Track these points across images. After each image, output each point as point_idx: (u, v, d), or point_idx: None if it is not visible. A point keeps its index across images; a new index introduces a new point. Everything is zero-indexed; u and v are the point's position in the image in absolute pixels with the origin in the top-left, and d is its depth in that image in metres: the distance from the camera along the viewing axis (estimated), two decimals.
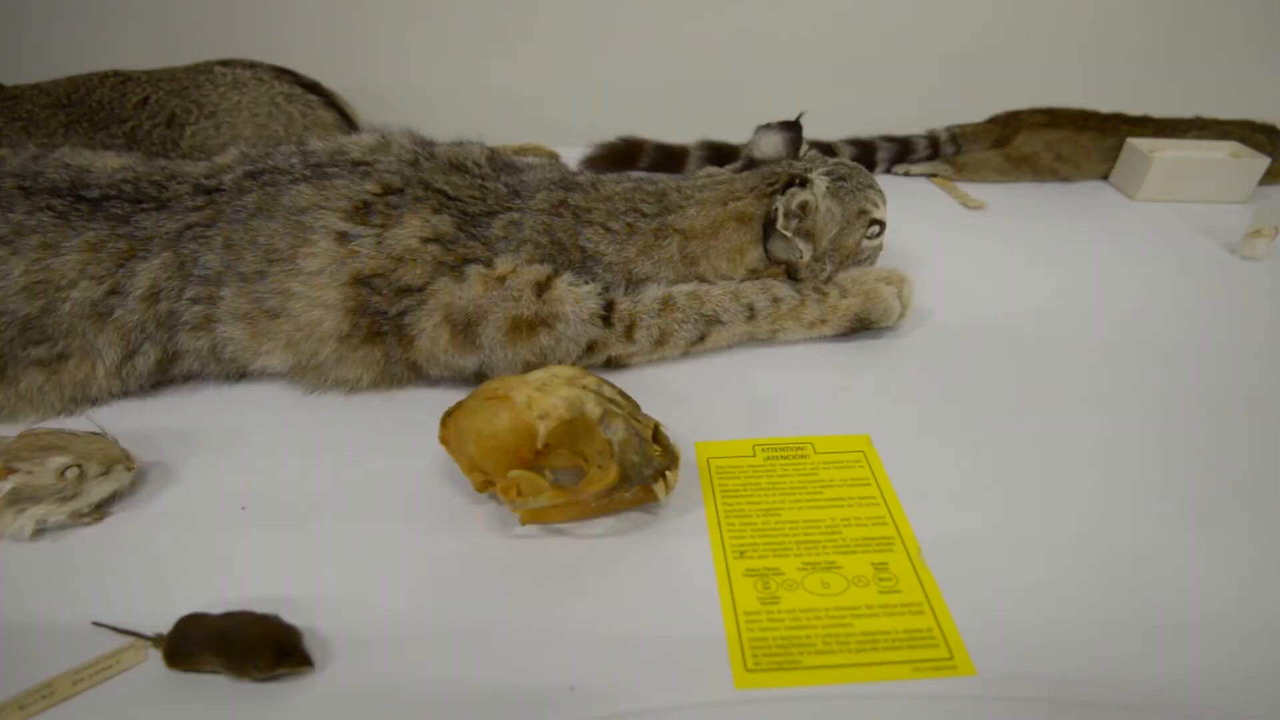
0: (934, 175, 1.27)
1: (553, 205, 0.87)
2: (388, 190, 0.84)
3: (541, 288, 0.80)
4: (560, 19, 1.40)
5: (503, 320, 0.78)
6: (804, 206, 0.84)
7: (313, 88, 1.20)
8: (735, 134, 1.32)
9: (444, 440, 0.70)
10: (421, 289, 0.80)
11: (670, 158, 1.28)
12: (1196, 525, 0.70)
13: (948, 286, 0.99)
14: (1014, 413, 0.83)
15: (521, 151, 1.34)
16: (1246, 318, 0.99)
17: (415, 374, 0.84)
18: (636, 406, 0.68)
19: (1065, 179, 1.26)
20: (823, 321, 0.88)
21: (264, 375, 0.86)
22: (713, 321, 0.85)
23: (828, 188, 0.85)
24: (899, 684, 0.58)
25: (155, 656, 0.59)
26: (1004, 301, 1.00)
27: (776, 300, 0.87)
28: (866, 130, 1.31)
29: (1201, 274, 1.09)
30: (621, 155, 1.29)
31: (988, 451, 0.77)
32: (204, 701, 0.57)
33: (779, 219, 0.84)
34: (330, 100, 1.20)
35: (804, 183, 0.84)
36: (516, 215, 0.86)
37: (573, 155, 1.30)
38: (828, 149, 1.25)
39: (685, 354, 0.87)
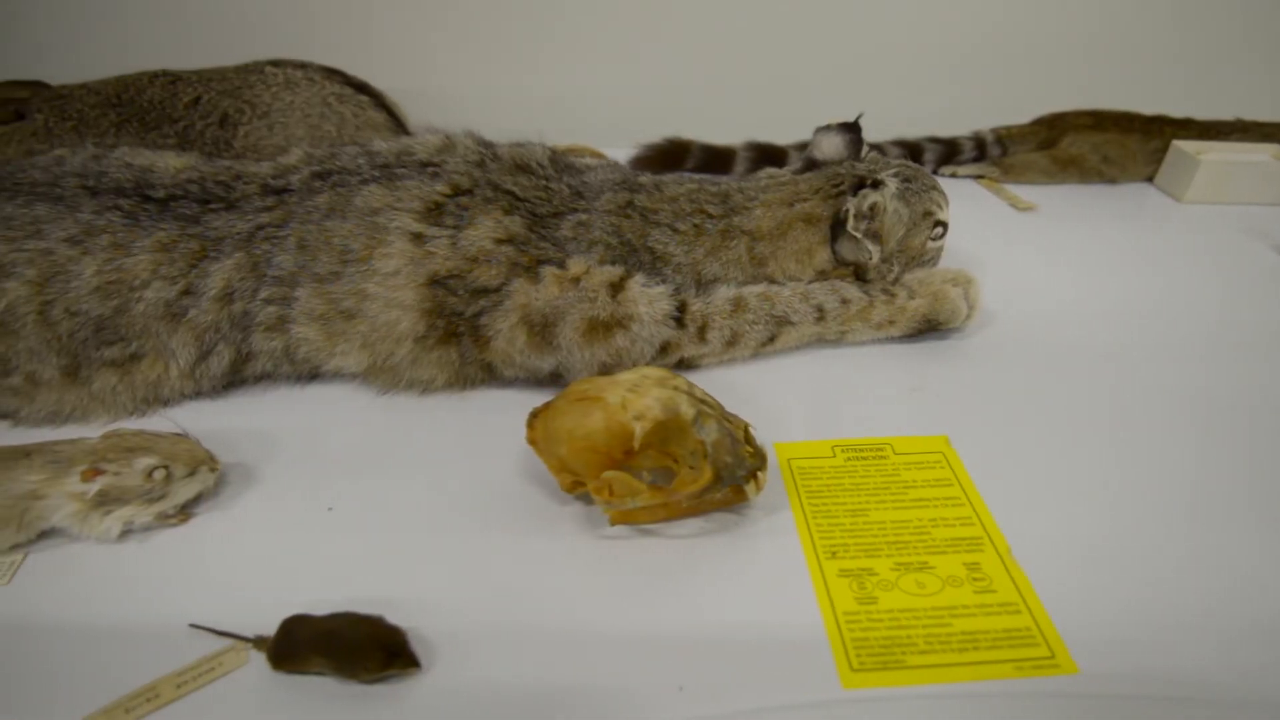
0: (981, 177, 1.27)
1: (619, 206, 0.88)
2: (458, 191, 0.84)
3: (615, 289, 0.80)
4: (603, 20, 1.41)
5: (580, 321, 0.79)
6: (874, 208, 0.84)
7: (362, 88, 1.20)
8: (776, 135, 1.33)
9: (531, 441, 0.70)
10: (497, 290, 0.80)
11: (717, 159, 1.28)
12: (1275, 524, 0.71)
13: (1006, 288, 0.99)
14: (1084, 412, 0.83)
15: (569, 153, 1.35)
16: None
17: (489, 375, 0.84)
18: (723, 408, 0.69)
19: (1110, 181, 1.26)
20: (891, 323, 0.88)
21: (335, 376, 0.86)
22: (783, 323, 0.85)
23: (897, 189, 0.85)
24: (1003, 683, 0.58)
25: (256, 658, 0.60)
26: (1063, 303, 1.01)
27: (845, 301, 0.87)
28: (910, 132, 1.32)
29: (1254, 276, 1.10)
30: (668, 156, 1.29)
31: (1064, 451, 0.78)
32: (310, 704, 0.57)
33: (849, 220, 0.84)
34: (379, 101, 1.20)
35: (876, 184, 0.84)
36: (584, 216, 0.86)
37: (617, 156, 1.30)
38: (875, 150, 1.25)
39: (753, 355, 0.87)
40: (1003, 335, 0.93)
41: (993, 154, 1.28)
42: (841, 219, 0.85)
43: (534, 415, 0.71)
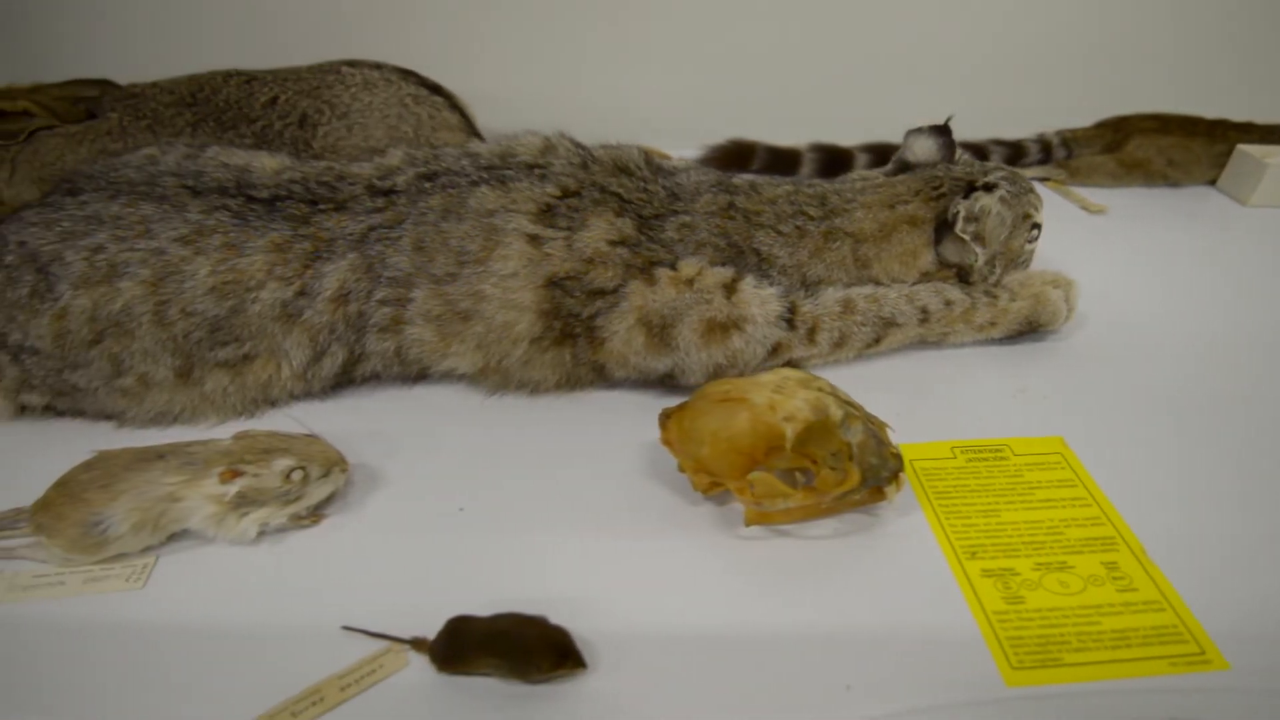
0: (1047, 179, 1.28)
1: (721, 208, 0.88)
2: (566, 193, 0.84)
3: (729, 290, 0.80)
4: (662, 21, 1.41)
5: (698, 322, 0.79)
6: (982, 211, 0.85)
7: (435, 89, 1.19)
8: (829, 135, 1.34)
9: (666, 442, 0.70)
10: (614, 291, 0.80)
11: (781, 160, 1.29)
12: None
13: (1089, 290, 1.00)
14: (1189, 411, 0.84)
15: None
16: None
17: (599, 376, 0.84)
18: (865, 409, 0.69)
19: (1175, 184, 1.28)
20: (993, 324, 0.89)
21: (441, 378, 0.86)
22: (889, 324, 0.86)
23: (1005, 193, 0.86)
24: (1159, 679, 0.59)
25: (415, 660, 0.60)
26: (1146, 305, 1.02)
27: (949, 303, 0.87)
28: (971, 134, 1.32)
29: None
30: (732, 158, 1.29)
31: (1179, 449, 0.79)
32: (477, 705, 0.57)
33: (958, 223, 0.85)
34: (452, 102, 1.20)
35: (989, 187, 0.85)
36: (687, 218, 0.86)
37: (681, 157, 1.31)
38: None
39: (857, 356, 0.88)
40: (1096, 337, 0.94)
41: (1058, 156, 1.29)
42: (949, 221, 0.86)
43: (666, 416, 0.71)
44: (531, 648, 0.55)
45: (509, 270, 0.79)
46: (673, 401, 0.82)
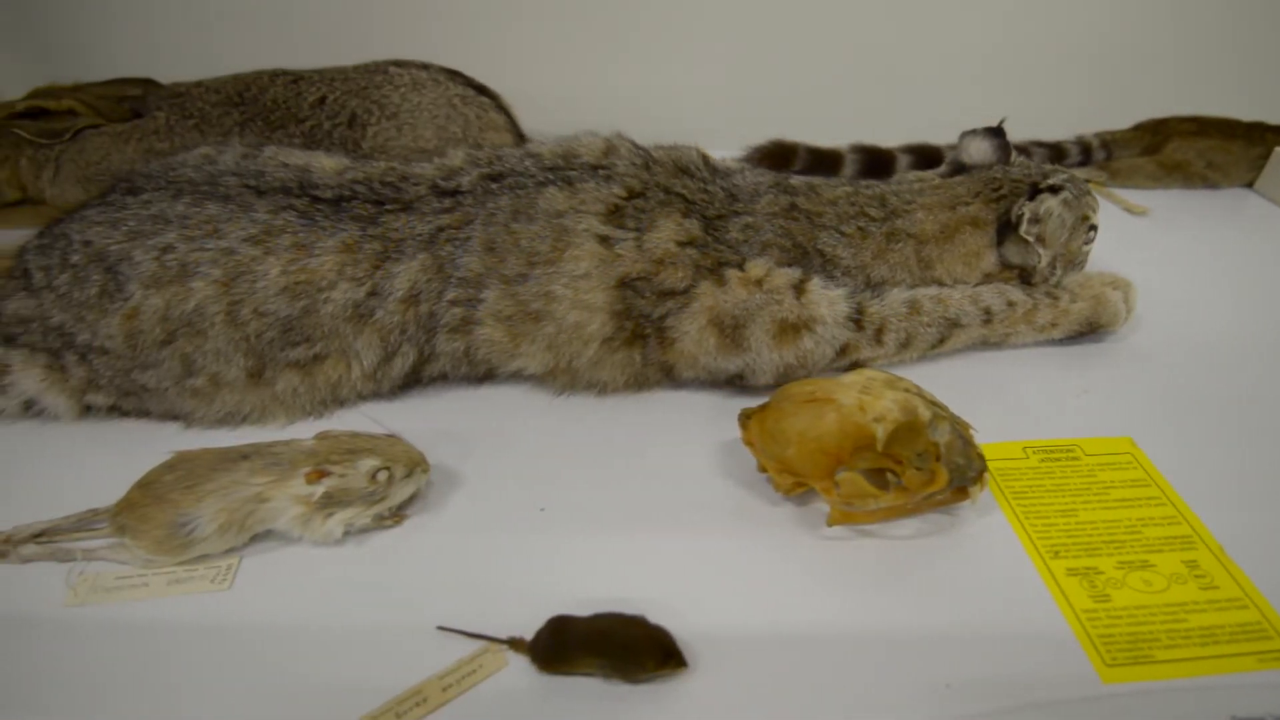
0: (1089, 181, 1.29)
1: (783, 209, 0.88)
2: (632, 194, 0.84)
3: (798, 291, 0.81)
4: (700, 21, 1.41)
5: (770, 323, 0.79)
6: (1047, 213, 0.85)
7: (482, 89, 1.19)
8: (863, 136, 1.34)
9: (748, 442, 0.71)
10: (684, 292, 0.80)
11: (823, 161, 1.29)
12: None
13: (1139, 290, 1.01)
14: (1253, 410, 0.84)
15: None
16: None
17: (666, 377, 0.85)
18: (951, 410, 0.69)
19: (1213, 186, 1.29)
20: (1054, 325, 0.89)
21: (507, 378, 0.86)
22: (954, 325, 0.86)
23: (1069, 195, 0.87)
24: (1249, 675, 0.59)
25: (513, 660, 0.60)
26: (1198, 306, 1.02)
27: (1012, 304, 0.88)
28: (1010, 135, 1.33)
29: None
30: (773, 158, 1.29)
31: (1248, 448, 0.79)
32: (581, 705, 0.57)
33: (1023, 224, 0.85)
34: (498, 102, 1.20)
35: (1054, 189, 0.86)
36: (750, 219, 0.87)
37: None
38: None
39: (920, 357, 0.88)
40: (1152, 337, 0.95)
41: (1098, 158, 1.30)
42: (1013, 222, 0.86)
43: (747, 416, 0.71)
44: (637, 647, 0.56)
45: (581, 271, 0.79)
46: (736, 402, 0.83)
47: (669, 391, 0.86)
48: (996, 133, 0.97)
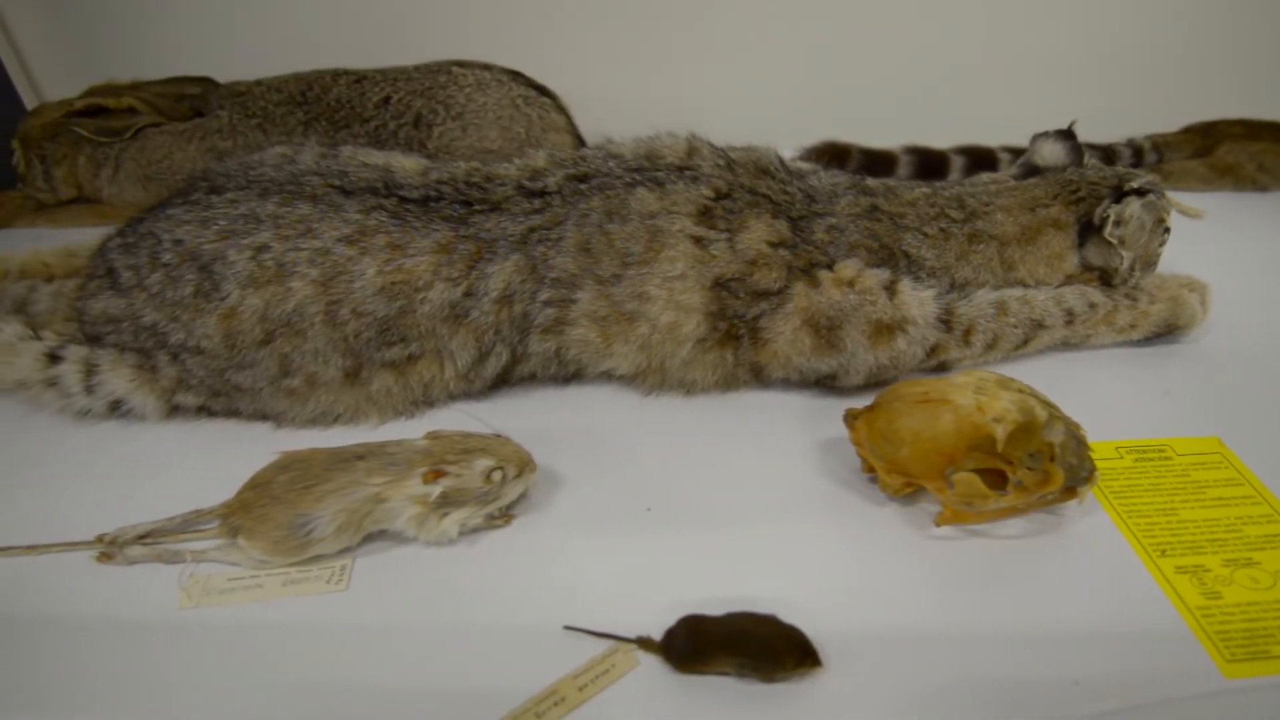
0: None
1: (865, 210, 0.88)
2: (719, 195, 0.84)
3: (890, 292, 0.81)
4: (750, 22, 1.42)
5: (865, 324, 0.79)
6: (1131, 215, 0.86)
7: (542, 90, 1.19)
8: (909, 137, 1.36)
9: (856, 442, 0.71)
10: (779, 292, 0.80)
11: (876, 162, 1.30)
12: None
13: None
14: None
15: None
16: None
17: (755, 377, 0.85)
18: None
19: (1263, 188, 1.30)
20: (1133, 327, 0.90)
21: (594, 378, 0.87)
22: (1039, 326, 0.87)
23: (1151, 198, 0.88)
24: None
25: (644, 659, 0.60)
26: (1260, 305, 1.03)
27: (1093, 306, 0.89)
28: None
29: None
30: (828, 159, 1.30)
31: None
32: (717, 704, 0.57)
33: (1108, 226, 0.86)
34: (557, 103, 1.20)
35: (1141, 192, 0.86)
36: (833, 220, 0.87)
37: None
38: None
39: (1003, 358, 0.89)
40: (1224, 338, 0.95)
41: (1149, 161, 1.31)
42: (1097, 224, 0.87)
43: (854, 416, 0.72)
44: (775, 646, 0.56)
45: (676, 272, 0.79)
46: (825, 402, 0.84)
47: (756, 392, 0.86)
48: (1068, 135, 0.98)
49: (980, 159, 1.30)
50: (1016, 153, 1.32)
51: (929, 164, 1.30)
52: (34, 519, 0.73)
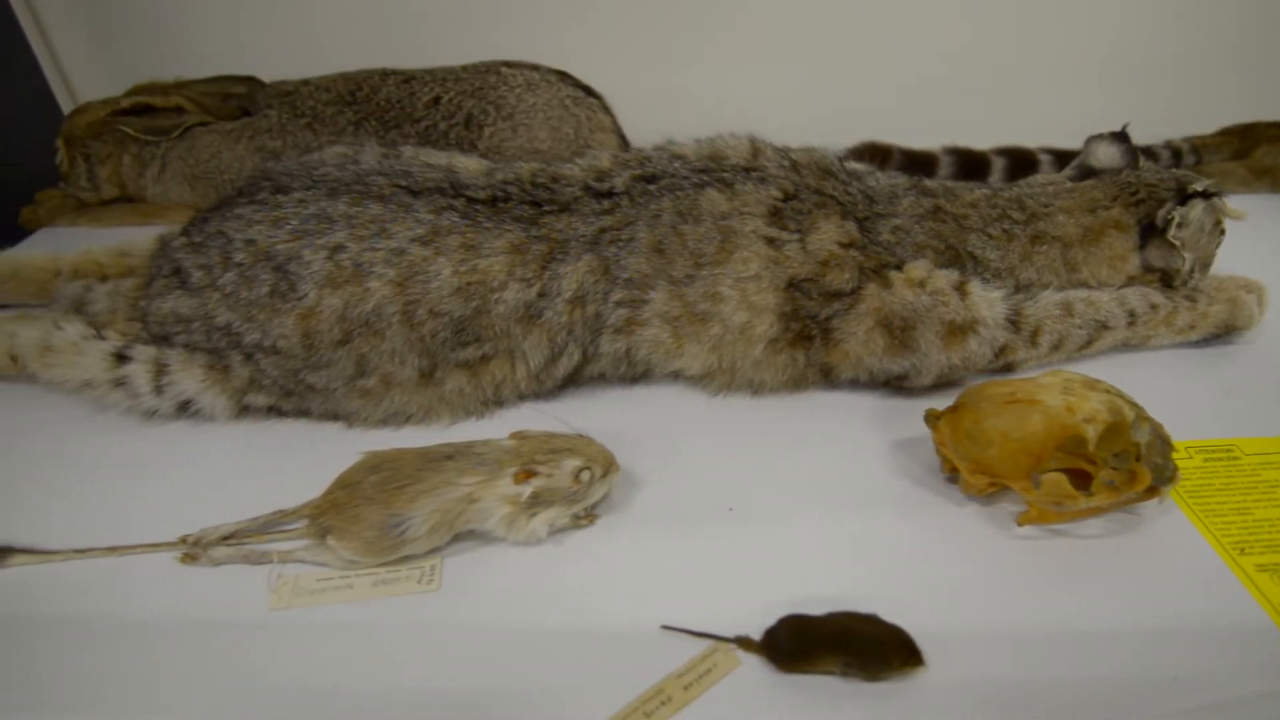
0: None
1: (928, 211, 0.89)
2: (787, 196, 0.85)
3: (961, 292, 0.82)
4: (789, 23, 1.42)
5: (939, 325, 0.80)
6: (1194, 217, 0.87)
7: (589, 91, 1.19)
8: (940, 139, 1.36)
9: (940, 442, 0.72)
10: (851, 293, 0.81)
11: (916, 163, 1.30)
12: None
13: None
14: None
15: None
16: None
17: (824, 378, 0.86)
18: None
19: None
20: (1192, 328, 0.91)
21: (661, 378, 0.87)
22: (1103, 327, 0.88)
23: (1215, 200, 0.89)
24: None
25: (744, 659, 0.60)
26: None
27: (1154, 307, 0.90)
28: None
29: None
30: (868, 160, 1.31)
31: None
32: (822, 703, 0.57)
33: (1172, 229, 0.87)
34: (603, 104, 1.20)
35: (1206, 194, 0.87)
36: (897, 221, 0.88)
37: None
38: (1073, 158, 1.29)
39: (1066, 359, 0.90)
40: (1276, 339, 0.97)
41: (1187, 163, 1.33)
42: (1160, 226, 0.88)
43: (936, 417, 0.72)
44: (882, 644, 0.57)
45: (750, 272, 0.80)
46: (894, 403, 0.84)
47: (823, 393, 0.87)
48: (1122, 137, 0.99)
49: (1020, 160, 1.31)
50: (1056, 154, 1.33)
51: (969, 165, 1.31)
52: (103, 520, 0.73)
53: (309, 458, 0.78)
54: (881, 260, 0.83)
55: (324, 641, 0.63)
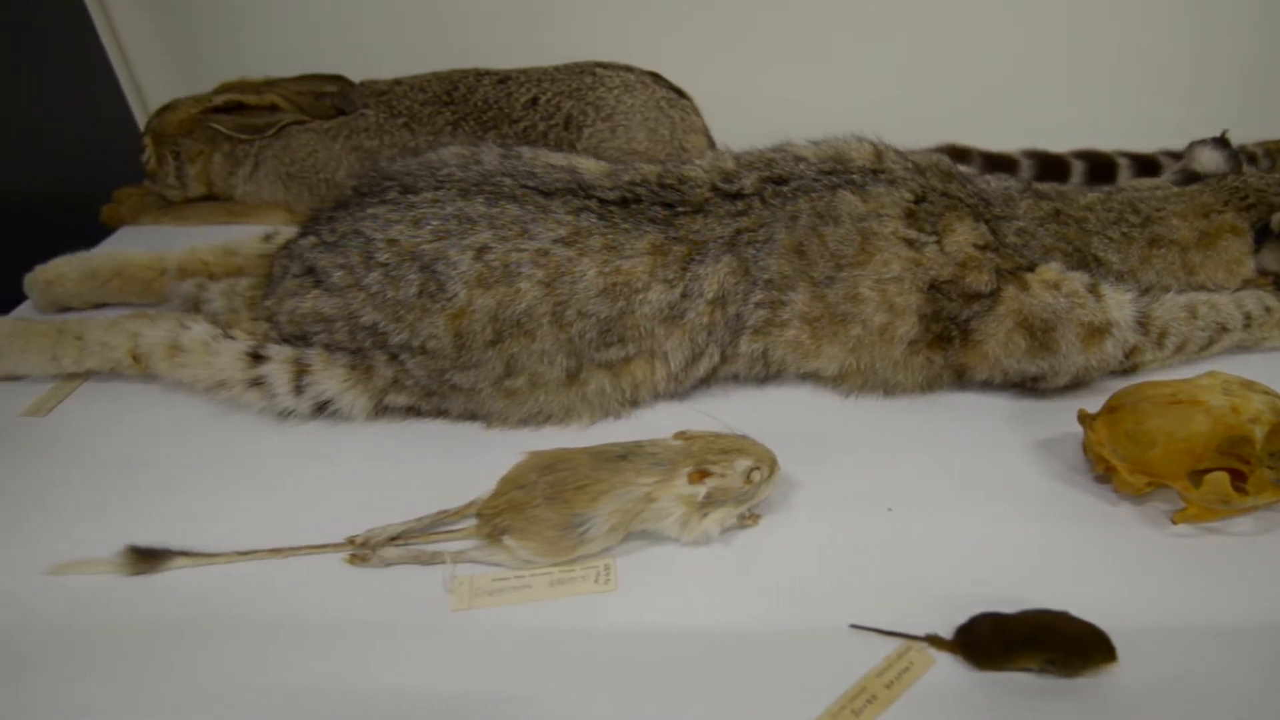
0: None
1: (1049, 214, 0.90)
2: (917, 198, 0.85)
3: (1095, 294, 0.83)
4: (860, 25, 1.43)
5: (1078, 326, 0.81)
6: None
7: (680, 93, 1.20)
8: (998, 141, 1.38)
9: (1096, 443, 0.72)
10: (991, 295, 0.82)
11: (996, 166, 1.32)
12: None
13: None
14: None
15: None
16: None
17: (957, 379, 0.87)
18: None
19: None
20: None
21: (790, 379, 0.88)
22: (1222, 329, 0.89)
23: None
24: None
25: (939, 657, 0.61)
26: None
27: (1269, 309, 0.91)
28: (1160, 143, 1.37)
29: None
30: None
31: None
32: (1020, 700, 0.58)
33: None
34: (694, 106, 1.20)
35: None
36: (1020, 224, 0.89)
37: None
38: (1150, 162, 1.31)
39: (1185, 361, 0.91)
40: None
41: (1262, 167, 1.35)
42: (1276, 231, 0.90)
43: (1092, 418, 0.73)
44: (1082, 641, 0.57)
45: (893, 274, 0.81)
46: (1027, 404, 0.85)
47: (955, 394, 0.88)
48: (1223, 143, 1.01)
49: (1099, 164, 1.33)
50: (1134, 158, 1.35)
51: (1048, 168, 1.32)
52: (255, 521, 0.73)
53: (449, 458, 0.79)
54: (1015, 263, 0.84)
55: (505, 642, 0.63)
